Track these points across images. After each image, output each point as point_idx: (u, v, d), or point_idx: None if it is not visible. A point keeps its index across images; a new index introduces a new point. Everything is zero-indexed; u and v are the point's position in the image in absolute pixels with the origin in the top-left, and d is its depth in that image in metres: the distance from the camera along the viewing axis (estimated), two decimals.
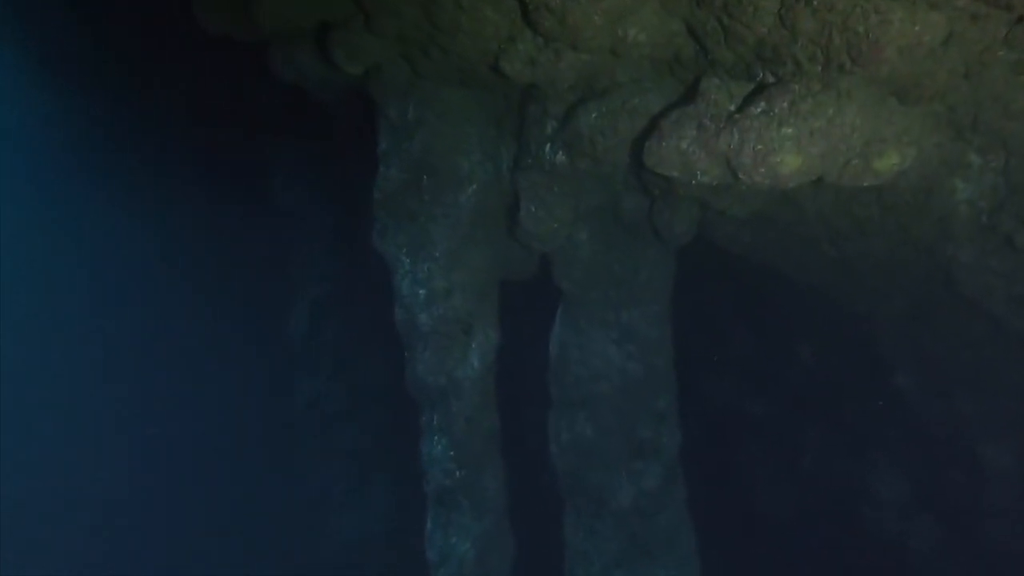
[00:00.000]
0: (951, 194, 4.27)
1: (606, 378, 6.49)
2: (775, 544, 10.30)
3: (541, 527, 7.45)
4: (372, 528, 13.19)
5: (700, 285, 9.21)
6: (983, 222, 4.31)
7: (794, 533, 10.21)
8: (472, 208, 5.97)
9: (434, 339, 6.16)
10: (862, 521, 9.00)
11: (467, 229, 6.00)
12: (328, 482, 13.51)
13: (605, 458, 6.66)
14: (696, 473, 10.25)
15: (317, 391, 13.34)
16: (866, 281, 5.86)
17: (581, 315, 6.45)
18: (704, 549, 7.43)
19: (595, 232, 6.18)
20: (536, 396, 7.12)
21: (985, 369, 6.07)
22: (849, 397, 8.11)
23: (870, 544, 9.07)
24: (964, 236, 4.45)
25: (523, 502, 7.86)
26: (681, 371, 6.95)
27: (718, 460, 10.83)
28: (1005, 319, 5.01)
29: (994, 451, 6.41)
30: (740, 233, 6.04)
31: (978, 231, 4.37)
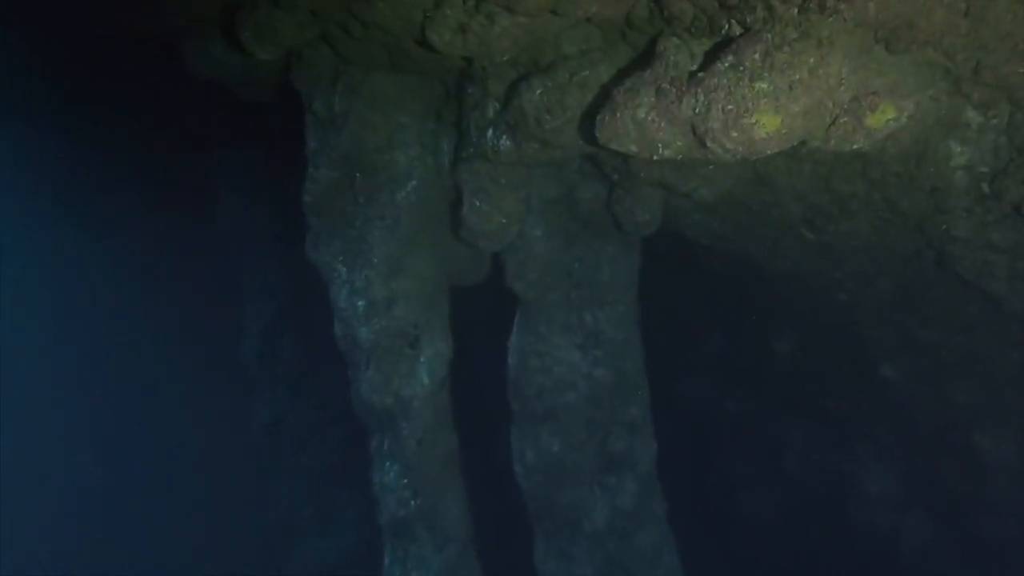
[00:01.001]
0: (946, 160, 3.68)
1: (571, 387, 5.83)
2: (760, 547, 9.77)
3: (511, 554, 6.76)
4: (341, 553, 12.40)
5: (669, 280, 8.63)
6: (982, 191, 3.73)
7: (779, 534, 9.68)
8: (412, 207, 5.27)
9: (377, 355, 5.45)
10: (850, 519, 8.46)
11: (407, 231, 5.31)
12: (293, 507, 12.70)
13: (575, 475, 5.99)
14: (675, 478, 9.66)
15: (277, 412, 12.54)
16: (848, 266, 5.28)
17: (540, 320, 5.79)
18: (686, 556, 6.86)
19: (550, 227, 5.52)
20: (503, 410, 6.46)
21: (979, 355, 5.53)
22: (832, 391, 7.56)
23: (860, 543, 8.55)
24: (961, 208, 3.87)
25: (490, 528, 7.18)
26: (653, 374, 6.34)
27: (697, 463, 10.25)
28: (1006, 299, 4.45)
29: (992, 442, 5.87)
30: (709, 221, 5.43)
31: (977, 201, 3.79)
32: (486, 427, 6.90)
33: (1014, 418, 5.64)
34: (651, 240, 6.68)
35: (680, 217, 5.57)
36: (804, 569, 9.34)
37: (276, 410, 12.30)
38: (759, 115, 2.92)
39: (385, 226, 5.26)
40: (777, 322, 7.52)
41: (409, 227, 5.30)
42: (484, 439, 6.96)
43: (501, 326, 6.41)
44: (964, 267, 4.29)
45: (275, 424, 12.33)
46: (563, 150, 4.49)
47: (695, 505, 10.45)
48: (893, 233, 4.51)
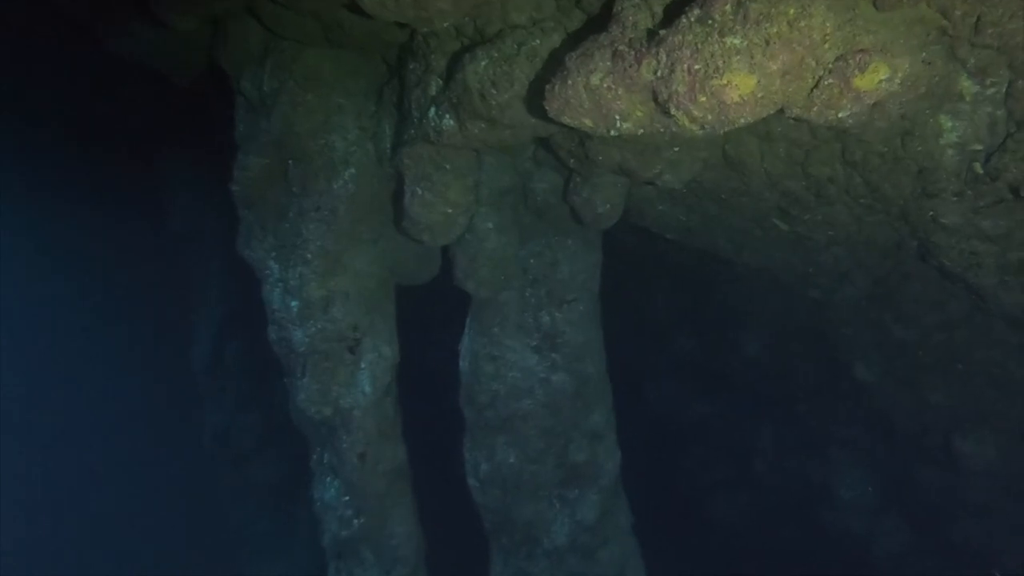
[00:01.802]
0: (935, 137, 3.28)
1: (528, 393, 5.35)
2: (730, 553, 9.39)
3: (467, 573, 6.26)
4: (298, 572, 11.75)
5: (633, 278, 8.21)
6: (975, 172, 3.33)
7: (750, 541, 9.32)
8: (350, 198, 4.74)
9: (313, 361, 4.91)
10: (823, 525, 8.11)
11: (345, 224, 4.78)
12: (245, 522, 12.01)
13: (533, 488, 5.51)
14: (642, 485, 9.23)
15: (227, 422, 11.85)
16: (823, 259, 4.89)
17: (493, 321, 5.30)
18: (655, 563, 6.44)
19: (503, 220, 5.03)
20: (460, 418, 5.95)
21: (959, 354, 5.17)
22: (804, 393, 7.19)
23: (833, 548, 8.20)
24: (950, 191, 3.47)
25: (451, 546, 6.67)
26: (617, 378, 5.89)
27: (665, 468, 9.85)
28: (992, 293, 4.08)
29: (972, 445, 5.52)
30: (674, 212, 4.99)
31: (968, 184, 3.40)
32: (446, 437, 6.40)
33: (995, 420, 5.30)
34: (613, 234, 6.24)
35: (643, 209, 5.12)
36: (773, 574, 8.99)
37: (224, 420, 11.62)
38: (731, 75, 2.46)
39: (320, 218, 4.73)
40: (747, 321, 7.13)
41: (347, 219, 4.77)
42: (444, 450, 6.45)
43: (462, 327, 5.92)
44: (950, 259, 3.89)
45: (223, 435, 11.65)
46: (513, 130, 4.01)
47: (663, 512, 10.06)
48: (873, 222, 4.11)
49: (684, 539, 9.57)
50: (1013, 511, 6.03)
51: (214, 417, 11.85)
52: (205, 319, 11.60)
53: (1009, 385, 5.06)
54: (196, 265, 11.50)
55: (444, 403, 6.44)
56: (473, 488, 5.63)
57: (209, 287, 11.54)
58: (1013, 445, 5.34)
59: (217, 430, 11.84)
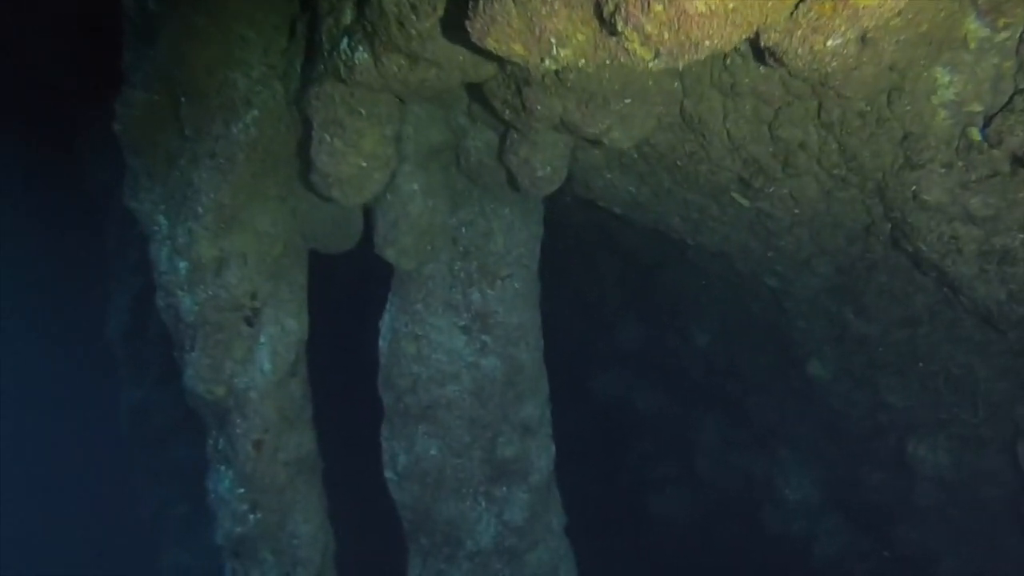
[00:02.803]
0: (928, 94, 2.76)
1: (453, 379, 4.74)
2: (670, 551, 9.00)
3: None
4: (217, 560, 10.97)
5: (577, 258, 7.66)
6: (969, 139, 2.83)
7: (690, 539, 8.94)
8: (251, 145, 4.03)
9: (204, 333, 4.21)
10: (765, 525, 7.73)
11: (245, 175, 4.07)
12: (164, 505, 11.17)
13: (456, 484, 4.91)
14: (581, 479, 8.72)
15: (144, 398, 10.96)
16: (784, 243, 4.38)
17: (416, 296, 4.66)
18: (590, 560, 5.97)
19: (431, 182, 4.39)
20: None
21: (921, 353, 4.74)
22: (753, 388, 6.74)
23: (773, 548, 7.85)
24: (938, 162, 2.97)
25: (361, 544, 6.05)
26: (556, 366, 5.34)
27: (606, 461, 9.39)
28: (969, 285, 3.61)
29: (925, 451, 5.12)
30: (624, 183, 4.42)
31: (960, 153, 2.90)
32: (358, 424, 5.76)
33: (952, 426, 4.90)
34: (557, 210, 5.66)
35: (590, 178, 4.53)
36: (712, 573, 8.64)
37: (142, 395, 10.73)
38: None
39: (215, 167, 4.01)
40: (698, 311, 6.64)
41: (247, 170, 4.06)
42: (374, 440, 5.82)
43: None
44: (927, 243, 3.41)
45: (141, 411, 10.77)
46: (438, 70, 3.36)
47: (602, 509, 9.61)
48: (844, 199, 3.60)
49: (622, 537, 9.14)
50: (957, 518, 5.69)
51: (131, 392, 10.97)
52: (124, 285, 10.67)
53: (970, 388, 4.65)
54: (114, 225, 10.54)
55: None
56: (390, 482, 5.01)
57: (129, 250, 10.61)
58: (967, 453, 4.95)
59: (134, 406, 10.96)
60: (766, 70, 2.95)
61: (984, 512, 5.26)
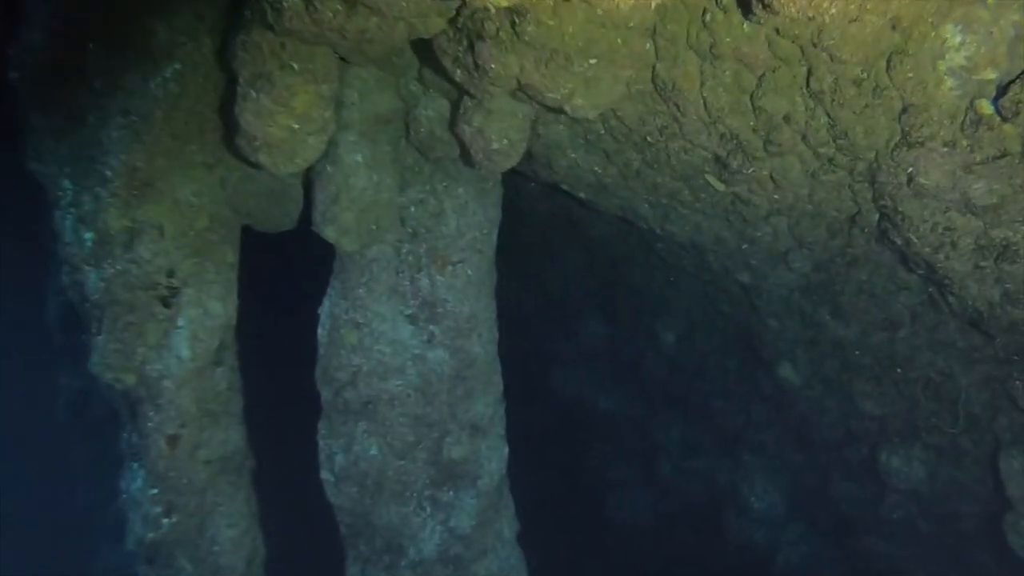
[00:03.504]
0: (934, 58, 2.40)
1: (397, 373, 4.29)
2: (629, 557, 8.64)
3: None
4: None
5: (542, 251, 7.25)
6: (978, 112, 2.47)
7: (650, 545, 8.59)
8: (171, 102, 3.54)
9: (113, 314, 3.71)
10: (726, 532, 7.40)
11: (163, 137, 3.58)
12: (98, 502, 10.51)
13: (399, 488, 4.46)
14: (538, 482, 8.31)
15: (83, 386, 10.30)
16: (759, 235, 4.01)
17: (359, 280, 4.20)
18: (547, 562, 5.58)
19: (377, 155, 3.93)
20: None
21: (899, 358, 4.41)
22: (720, 391, 6.40)
23: (734, 557, 7.53)
24: (940, 139, 2.61)
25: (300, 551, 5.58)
26: (513, 361, 4.93)
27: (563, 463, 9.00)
28: (960, 283, 3.27)
29: (899, 462, 4.81)
30: (589, 161, 4.01)
31: (965, 129, 2.54)
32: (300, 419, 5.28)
33: (928, 436, 4.59)
34: (519, 196, 5.24)
35: (552, 157, 4.12)
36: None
37: (81, 384, 10.07)
38: None
39: (128, 125, 3.51)
40: (665, 308, 6.28)
41: (166, 131, 3.57)
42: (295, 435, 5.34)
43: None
44: (919, 235, 3.05)
45: (79, 401, 10.11)
46: (380, 20, 2.92)
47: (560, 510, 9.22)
48: (830, 184, 3.23)
49: (579, 541, 8.76)
50: (927, 532, 5.40)
51: (69, 380, 10.30)
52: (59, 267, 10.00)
53: (949, 396, 4.34)
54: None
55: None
56: (326, 484, 4.54)
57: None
58: (944, 465, 4.65)
59: (72, 395, 10.29)
60: (750, 28, 2.57)
61: (956, 527, 4.96)
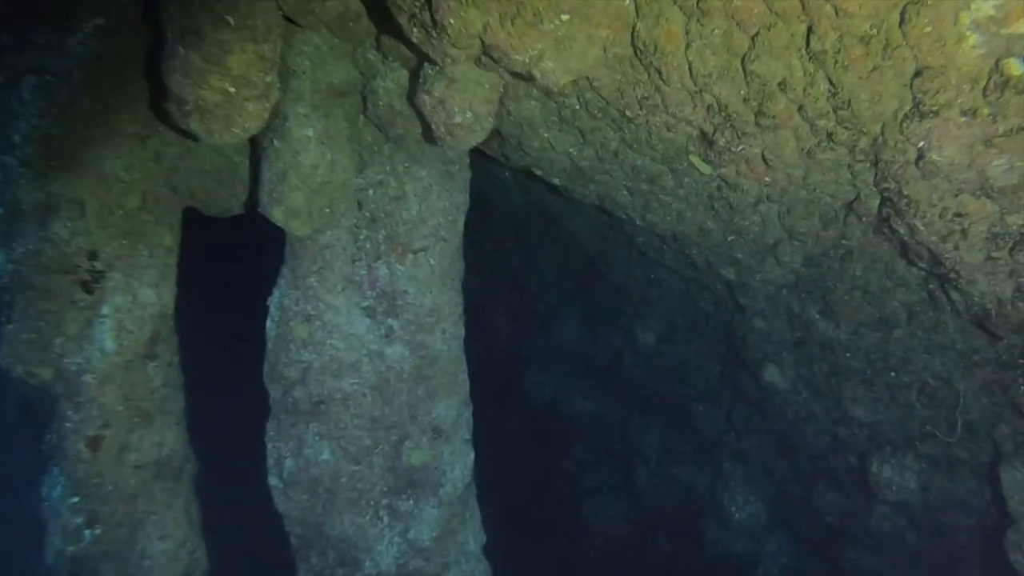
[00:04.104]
0: (957, 9, 2.06)
1: (352, 370, 3.89)
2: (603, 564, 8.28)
3: None
4: None
5: (517, 247, 6.89)
6: (1002, 76, 2.15)
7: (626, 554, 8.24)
8: (92, 61, 3.14)
9: (25, 300, 3.28)
10: (705, 542, 7.07)
11: (84, 102, 3.16)
12: None
13: (354, 496, 4.06)
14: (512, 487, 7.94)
15: None
16: (747, 224, 3.67)
17: (310, 268, 3.81)
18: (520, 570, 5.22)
19: (331, 130, 3.54)
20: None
21: (894, 360, 4.10)
22: (701, 395, 6.06)
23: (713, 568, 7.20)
24: (957, 108, 2.27)
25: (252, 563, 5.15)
26: (486, 363, 4.56)
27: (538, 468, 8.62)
28: (969, 277, 2.95)
29: (891, 472, 4.49)
30: (563, 141, 3.65)
31: (987, 95, 2.21)
32: None
33: (922, 445, 4.28)
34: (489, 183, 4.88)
35: (524, 138, 3.75)
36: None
37: None
38: None
39: (42, 87, 3.10)
40: (644, 306, 5.93)
41: (88, 94, 3.16)
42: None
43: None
44: (926, 222, 2.72)
45: (28, 399, 9.56)
46: None
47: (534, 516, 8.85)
48: (828, 163, 2.89)
49: (553, 549, 8.38)
50: (916, 546, 5.08)
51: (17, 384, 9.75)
52: None
53: (946, 402, 4.03)
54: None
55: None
56: (274, 491, 4.12)
57: None
58: (937, 476, 4.33)
59: (20, 393, 9.74)
60: None
61: (948, 541, 4.66)
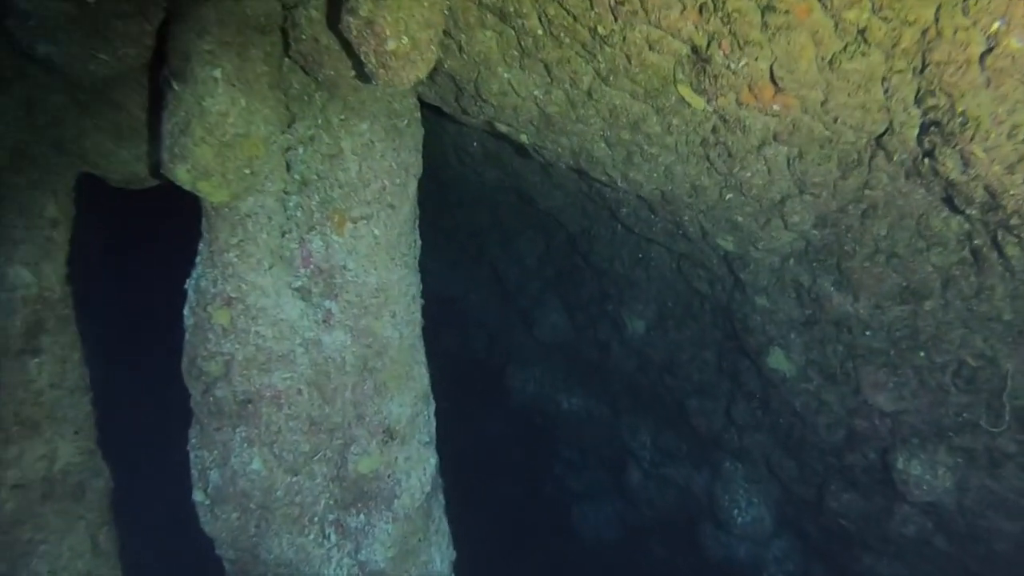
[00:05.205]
0: None
1: (284, 363, 3.24)
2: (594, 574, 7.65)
3: None
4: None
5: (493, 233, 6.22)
6: None
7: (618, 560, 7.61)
8: None
9: None
10: (704, 548, 6.43)
11: None
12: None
13: (293, 512, 3.41)
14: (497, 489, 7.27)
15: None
16: (749, 175, 3.03)
17: (230, 242, 3.15)
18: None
19: (246, 72, 2.89)
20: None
21: (925, 338, 3.45)
22: (697, 387, 5.42)
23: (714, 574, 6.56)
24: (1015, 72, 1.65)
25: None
26: (466, 361, 3.91)
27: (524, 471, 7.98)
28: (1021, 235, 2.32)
29: (920, 468, 3.84)
30: (527, 82, 3.00)
31: None
32: None
33: (961, 437, 3.63)
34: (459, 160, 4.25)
35: (481, 81, 3.10)
36: None
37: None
38: None
39: None
40: (632, 291, 5.29)
41: None
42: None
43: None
44: (989, 146, 2.08)
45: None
46: None
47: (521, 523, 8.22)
48: (856, 78, 2.24)
49: (542, 557, 7.74)
50: (946, 552, 4.43)
51: None
52: None
53: (989, 385, 3.38)
54: None
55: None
56: (199, 508, 3.46)
57: None
58: (976, 473, 3.69)
59: None
60: None
61: (983, 549, 4.02)
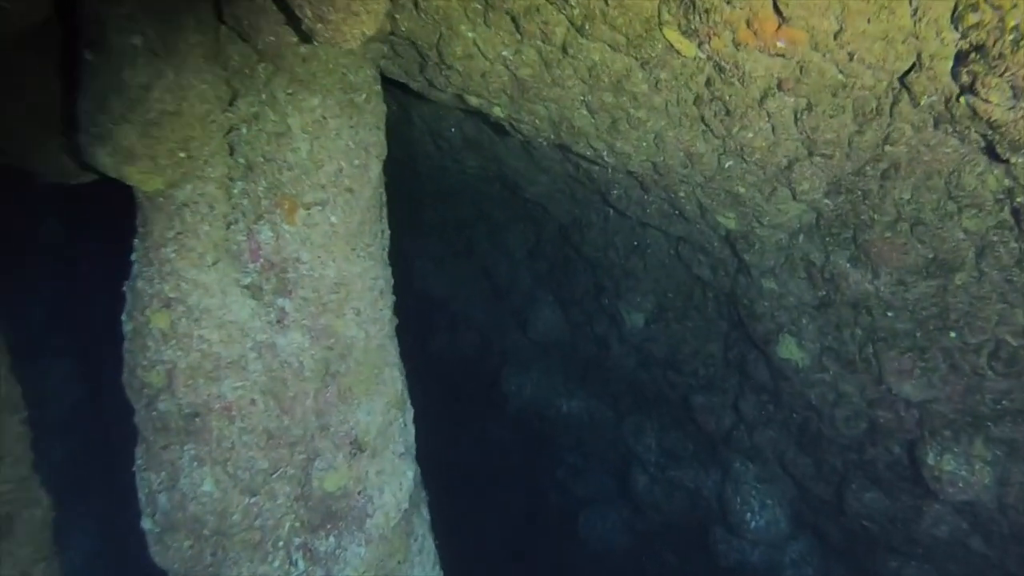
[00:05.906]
0: None
1: (236, 370, 2.86)
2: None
3: None
4: None
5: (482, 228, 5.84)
6: None
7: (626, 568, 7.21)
8: None
9: None
10: (715, 553, 6.02)
11: None
12: None
13: (254, 537, 3.03)
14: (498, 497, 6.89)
15: None
16: (750, 136, 2.65)
17: (166, 235, 2.78)
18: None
19: (173, 40, 2.53)
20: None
21: (955, 317, 3.06)
22: (703, 383, 5.02)
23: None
24: None
25: None
26: (458, 365, 3.53)
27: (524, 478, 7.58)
28: None
29: (953, 463, 3.44)
30: (494, 41, 2.63)
31: None
32: None
33: (1000, 427, 3.23)
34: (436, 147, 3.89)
35: (444, 45, 2.72)
36: None
37: None
38: None
39: None
40: (629, 282, 4.90)
41: None
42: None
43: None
44: None
45: None
46: None
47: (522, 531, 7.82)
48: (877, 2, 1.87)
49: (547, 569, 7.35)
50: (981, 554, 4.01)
51: None
52: None
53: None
54: None
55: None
56: (148, 536, 3.08)
57: None
58: (1019, 468, 3.29)
59: None
60: None
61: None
